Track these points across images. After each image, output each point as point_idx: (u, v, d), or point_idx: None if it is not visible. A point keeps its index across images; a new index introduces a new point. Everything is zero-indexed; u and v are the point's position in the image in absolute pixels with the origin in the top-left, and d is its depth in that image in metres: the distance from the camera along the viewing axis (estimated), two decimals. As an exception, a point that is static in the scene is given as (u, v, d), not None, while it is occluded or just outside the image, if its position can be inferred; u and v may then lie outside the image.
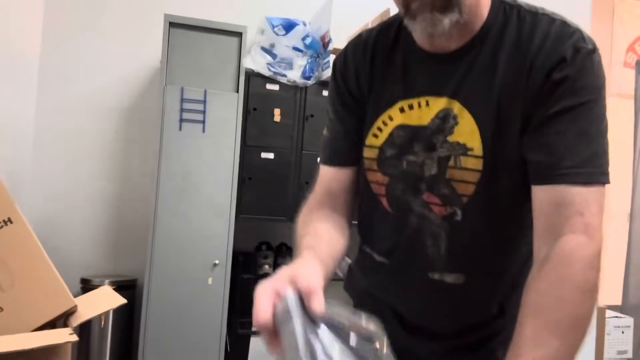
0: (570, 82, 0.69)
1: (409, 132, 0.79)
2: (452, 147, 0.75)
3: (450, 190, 0.76)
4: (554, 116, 0.69)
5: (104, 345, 2.38)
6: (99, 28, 2.66)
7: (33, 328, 1.16)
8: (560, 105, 0.69)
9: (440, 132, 0.76)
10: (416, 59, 0.80)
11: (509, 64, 0.73)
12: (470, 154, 0.74)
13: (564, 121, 0.69)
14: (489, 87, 0.74)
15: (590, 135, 0.69)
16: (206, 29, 2.32)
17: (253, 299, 0.57)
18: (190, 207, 2.27)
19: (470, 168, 0.74)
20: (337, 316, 0.53)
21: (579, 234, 0.65)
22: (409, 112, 0.79)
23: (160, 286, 2.23)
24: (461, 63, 0.76)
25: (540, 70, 0.70)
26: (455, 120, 0.75)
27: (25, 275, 1.17)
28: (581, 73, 0.69)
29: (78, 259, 2.58)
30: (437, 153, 0.77)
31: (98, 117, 2.66)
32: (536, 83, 0.71)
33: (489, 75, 0.74)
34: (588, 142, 0.69)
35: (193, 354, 2.27)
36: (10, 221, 1.17)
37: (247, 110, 2.45)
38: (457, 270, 0.78)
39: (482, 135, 0.73)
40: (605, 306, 2.82)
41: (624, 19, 3.97)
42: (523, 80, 0.71)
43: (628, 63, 3.97)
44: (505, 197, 0.75)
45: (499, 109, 0.73)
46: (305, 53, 2.58)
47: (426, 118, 0.78)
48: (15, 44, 2.34)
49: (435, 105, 0.77)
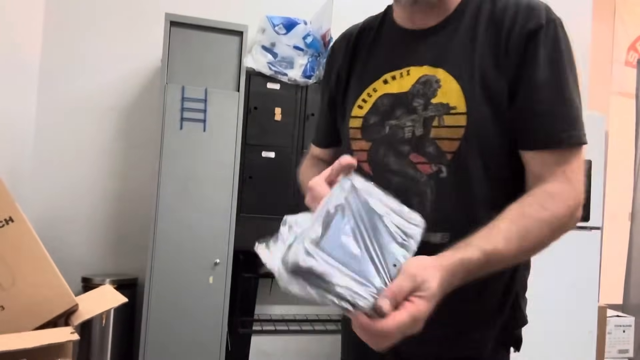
0: (549, 47, 0.76)
1: (392, 99, 0.84)
2: (436, 108, 0.79)
3: (434, 148, 0.79)
4: (539, 83, 0.75)
5: (105, 344, 2.39)
6: (99, 27, 2.66)
7: (34, 327, 1.16)
8: (543, 69, 0.75)
9: (422, 96, 0.81)
10: (398, 37, 0.87)
11: (487, 32, 0.79)
12: (454, 112, 0.78)
13: (549, 89, 0.75)
14: (470, 53, 0.79)
15: (572, 100, 0.76)
16: (207, 27, 2.32)
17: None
18: (191, 206, 2.27)
19: (453, 125, 0.78)
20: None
21: (563, 183, 0.74)
22: (391, 83, 0.85)
23: (161, 285, 2.23)
24: (441, 35, 0.82)
25: (519, 35, 0.76)
26: (438, 84, 0.80)
27: (26, 274, 1.17)
28: (557, 38, 0.76)
29: (79, 257, 2.59)
30: (422, 115, 0.80)
31: (99, 116, 2.66)
32: (516, 46, 0.76)
33: (470, 43, 0.79)
34: (569, 106, 0.75)
35: (194, 352, 2.27)
36: (12, 220, 1.17)
37: (247, 109, 2.45)
38: (443, 229, 0.78)
39: (465, 95, 0.77)
40: (607, 305, 2.82)
41: (625, 18, 3.97)
42: (502, 45, 0.77)
43: (629, 62, 3.97)
44: (489, 154, 0.78)
45: (481, 71, 0.77)
46: (306, 52, 2.58)
47: (407, 85, 0.83)
48: (16, 44, 2.34)
49: (415, 73, 0.82)
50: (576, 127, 0.75)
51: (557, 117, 0.75)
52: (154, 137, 2.32)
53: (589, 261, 2.62)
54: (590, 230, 2.63)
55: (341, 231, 0.58)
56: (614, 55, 3.98)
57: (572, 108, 0.75)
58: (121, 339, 2.44)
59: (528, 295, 0.90)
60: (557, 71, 0.76)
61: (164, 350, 2.23)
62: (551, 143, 0.75)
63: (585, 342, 2.61)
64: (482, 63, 0.77)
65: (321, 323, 2.78)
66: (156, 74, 2.66)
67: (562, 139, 0.74)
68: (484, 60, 0.77)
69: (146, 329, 2.22)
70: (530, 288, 0.91)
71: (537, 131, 0.76)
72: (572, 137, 0.75)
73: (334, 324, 2.77)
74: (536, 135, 0.76)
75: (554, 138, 0.75)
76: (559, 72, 0.76)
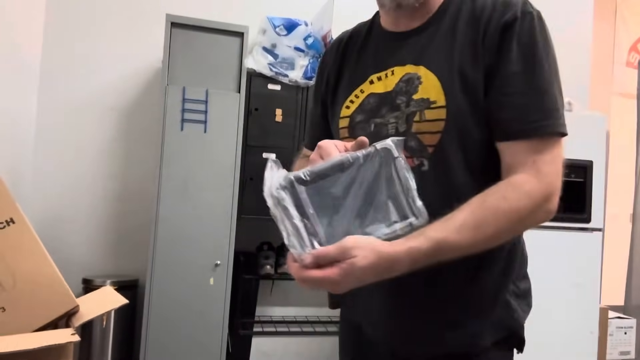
0: (524, 36, 0.77)
1: (377, 99, 0.87)
2: (417, 104, 0.81)
3: (416, 143, 0.81)
4: (512, 73, 0.76)
5: (105, 345, 2.38)
6: (100, 28, 2.67)
7: (35, 328, 1.16)
8: (517, 60, 0.76)
9: (405, 94, 0.83)
10: (384, 40, 0.91)
11: (466, 29, 0.81)
12: (434, 106, 0.79)
13: (522, 79, 0.76)
14: (450, 50, 0.81)
15: (546, 90, 0.76)
16: (208, 29, 2.32)
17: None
18: (192, 207, 2.27)
19: (434, 119, 0.79)
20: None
21: (530, 174, 0.73)
22: (377, 83, 0.88)
23: (161, 286, 2.23)
24: (422, 36, 0.85)
25: (495, 28, 0.78)
26: (419, 80, 0.82)
27: (27, 276, 1.17)
28: (532, 29, 0.77)
29: (80, 259, 2.59)
30: (405, 111, 0.82)
31: (99, 117, 2.66)
32: (492, 39, 0.78)
33: (450, 41, 0.82)
34: (542, 96, 0.76)
35: (194, 354, 2.27)
36: (12, 221, 1.17)
37: (248, 111, 2.45)
38: (430, 217, 0.79)
39: (444, 89, 0.79)
40: (608, 307, 2.81)
41: (627, 19, 3.97)
42: (480, 39, 0.79)
43: (630, 62, 3.97)
44: (469, 146, 0.79)
45: (460, 66, 0.79)
46: (306, 53, 2.58)
47: (391, 84, 0.86)
48: (16, 44, 2.34)
49: (399, 72, 0.85)
50: (550, 117, 0.75)
51: (529, 107, 0.75)
52: (155, 138, 2.32)
53: (590, 262, 2.62)
54: (592, 232, 2.63)
55: (338, 183, 0.65)
56: (615, 56, 3.98)
57: (546, 98, 0.75)
58: (122, 340, 2.44)
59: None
60: (531, 62, 0.76)
61: (164, 351, 2.23)
62: (521, 133, 0.75)
63: (587, 344, 2.60)
64: (460, 58, 0.79)
65: (322, 324, 2.77)
66: (157, 74, 2.66)
67: (532, 128, 0.74)
68: (462, 56, 0.79)
69: (147, 331, 2.22)
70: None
71: (508, 122, 0.76)
72: (544, 127, 0.75)
73: (334, 325, 2.77)
74: (507, 126, 0.76)
75: (524, 128, 0.75)
76: (534, 62, 0.76)
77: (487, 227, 0.70)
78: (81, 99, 2.64)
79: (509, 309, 0.84)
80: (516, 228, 0.75)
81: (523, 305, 0.86)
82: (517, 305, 0.85)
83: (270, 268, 2.53)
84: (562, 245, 2.52)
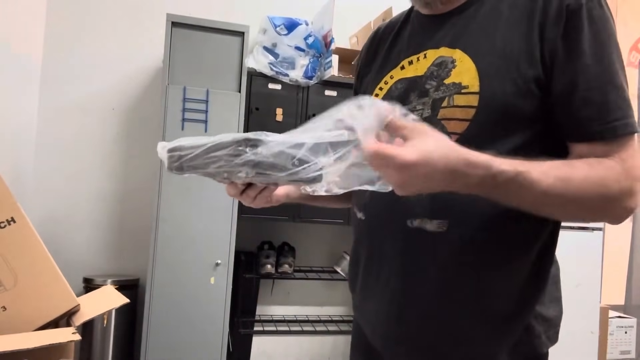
0: (593, 24, 0.68)
1: (406, 84, 0.81)
2: (447, 89, 0.74)
3: (440, 129, 0.70)
4: (586, 66, 0.67)
5: (106, 344, 2.39)
6: (101, 28, 2.67)
7: (36, 327, 1.16)
8: (589, 51, 0.68)
9: (435, 78, 0.76)
10: (420, 23, 0.85)
11: (513, 11, 0.73)
12: (465, 91, 0.72)
13: (597, 73, 0.67)
14: (492, 33, 0.73)
15: (622, 86, 0.68)
16: (208, 28, 2.32)
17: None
18: (193, 206, 2.27)
19: (464, 105, 0.71)
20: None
21: (616, 162, 0.66)
22: (408, 68, 0.82)
23: (162, 285, 2.24)
24: (462, 17, 0.78)
25: (557, 13, 0.69)
26: (453, 64, 0.75)
27: (28, 275, 1.17)
28: (601, 16, 0.69)
29: (81, 258, 2.59)
30: (432, 96, 0.76)
31: (100, 117, 2.66)
32: (555, 26, 0.69)
33: (493, 22, 0.74)
34: (621, 93, 0.68)
35: (195, 353, 2.27)
36: (13, 220, 1.17)
37: (249, 110, 2.45)
38: (440, 217, 0.72)
39: (480, 74, 0.71)
40: (608, 306, 2.81)
41: (628, 19, 3.96)
42: (536, 25, 0.70)
43: (632, 62, 3.96)
44: (500, 139, 0.70)
45: (504, 51, 0.71)
46: (307, 52, 2.58)
47: (423, 68, 0.79)
48: (17, 44, 2.35)
49: (432, 55, 0.79)
50: (629, 116, 0.67)
51: (609, 105, 0.67)
52: (156, 137, 2.32)
53: (591, 262, 2.62)
54: (592, 231, 2.63)
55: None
56: (615, 56, 3.97)
57: (622, 94, 0.68)
58: (122, 339, 2.44)
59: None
60: (604, 53, 0.68)
61: (165, 350, 2.23)
62: (603, 134, 0.66)
63: (587, 343, 2.60)
64: (505, 42, 0.71)
65: (322, 324, 2.78)
66: (157, 74, 2.66)
67: (616, 127, 0.66)
68: (508, 40, 0.71)
69: (147, 330, 2.22)
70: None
71: (587, 121, 0.67)
72: (628, 126, 0.67)
73: (335, 324, 2.77)
74: (587, 125, 0.67)
75: (606, 128, 0.66)
76: (606, 54, 0.68)
77: (571, 184, 0.62)
78: (82, 98, 2.64)
79: (531, 333, 0.75)
80: (595, 206, 0.66)
81: (550, 333, 0.79)
82: (542, 332, 0.77)
83: (271, 267, 2.53)
84: (562, 245, 2.51)
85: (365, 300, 0.86)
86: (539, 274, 0.76)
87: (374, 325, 0.84)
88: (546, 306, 0.78)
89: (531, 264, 0.74)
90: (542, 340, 0.77)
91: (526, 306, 0.75)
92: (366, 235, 0.84)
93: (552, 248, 0.79)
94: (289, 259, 2.62)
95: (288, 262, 2.60)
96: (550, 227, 0.76)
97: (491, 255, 0.73)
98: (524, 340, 0.75)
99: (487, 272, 0.73)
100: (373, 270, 0.83)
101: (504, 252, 0.73)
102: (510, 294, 0.73)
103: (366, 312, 0.86)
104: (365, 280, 0.85)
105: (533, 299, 0.75)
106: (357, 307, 0.91)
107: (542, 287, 0.76)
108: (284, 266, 2.57)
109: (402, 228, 0.75)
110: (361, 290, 0.87)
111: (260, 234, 2.70)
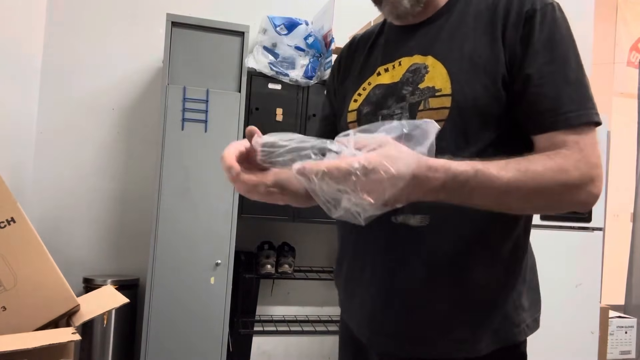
0: (547, 27, 0.74)
1: (384, 90, 0.86)
2: (422, 93, 0.79)
3: None
4: (541, 65, 0.73)
5: (106, 344, 2.39)
6: (101, 27, 2.67)
7: (36, 327, 1.16)
8: (544, 51, 0.74)
9: (411, 84, 0.81)
10: (394, 33, 0.91)
11: (479, 19, 0.80)
12: (438, 94, 0.77)
13: (551, 70, 0.73)
14: (460, 40, 0.80)
15: (578, 80, 0.73)
16: (208, 28, 2.32)
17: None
18: (193, 206, 2.27)
19: (438, 107, 0.77)
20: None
21: (574, 150, 0.70)
22: (384, 74, 0.87)
23: (162, 285, 2.24)
24: (432, 27, 0.84)
25: (516, 19, 0.76)
26: (426, 70, 0.80)
27: (28, 275, 1.17)
28: (555, 19, 0.75)
29: (81, 258, 2.59)
30: (409, 101, 0.80)
31: (100, 116, 2.67)
32: (514, 30, 0.76)
33: (460, 30, 0.81)
34: (576, 86, 0.73)
35: (195, 353, 2.27)
36: (13, 220, 1.17)
37: (249, 110, 2.45)
38: (422, 212, 0.76)
39: (451, 78, 0.77)
40: (608, 306, 2.81)
41: (628, 18, 3.96)
42: (499, 30, 0.76)
43: (632, 62, 3.96)
44: (472, 136, 0.76)
45: (471, 56, 0.77)
46: (307, 52, 2.58)
47: (398, 75, 0.84)
48: (18, 43, 2.35)
49: (406, 63, 0.84)
50: (585, 107, 0.72)
51: (562, 98, 0.72)
52: (156, 137, 2.32)
53: (590, 262, 2.62)
54: (592, 231, 2.63)
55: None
56: (616, 56, 3.97)
57: (579, 88, 0.73)
58: (122, 339, 2.44)
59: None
60: (558, 52, 0.74)
61: (165, 350, 2.24)
62: (556, 124, 0.71)
63: (587, 343, 2.60)
64: (472, 48, 0.78)
65: (322, 323, 2.78)
66: (157, 74, 2.66)
67: (567, 118, 0.71)
68: (475, 45, 0.78)
69: (147, 330, 2.22)
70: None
71: (542, 113, 0.72)
72: (580, 117, 0.71)
73: (335, 324, 2.77)
74: (542, 118, 0.73)
75: (559, 119, 0.71)
76: (561, 53, 0.74)
77: (530, 174, 0.66)
78: (82, 98, 2.64)
79: (510, 320, 0.79)
80: (558, 194, 0.68)
81: (529, 321, 0.82)
82: (522, 319, 0.80)
83: (271, 267, 2.53)
84: (562, 245, 2.52)
85: (351, 295, 0.90)
86: (516, 262, 0.81)
87: (359, 318, 0.87)
88: (524, 295, 0.82)
89: (509, 254, 0.79)
90: (520, 329, 0.80)
91: (505, 294, 0.79)
92: (351, 231, 0.89)
93: (526, 237, 0.83)
94: (289, 259, 2.62)
95: (288, 262, 2.60)
96: (523, 218, 0.81)
97: (471, 246, 0.77)
98: (504, 327, 0.79)
99: (468, 262, 0.77)
100: (358, 265, 0.87)
101: (483, 244, 0.77)
102: (488, 283, 0.78)
103: (352, 306, 0.90)
104: (351, 275, 0.90)
105: (511, 287, 0.80)
106: (342, 303, 0.95)
107: (518, 275, 0.81)
108: (284, 266, 2.57)
109: (387, 224, 0.79)
110: (346, 285, 0.92)
111: (260, 234, 2.70)
